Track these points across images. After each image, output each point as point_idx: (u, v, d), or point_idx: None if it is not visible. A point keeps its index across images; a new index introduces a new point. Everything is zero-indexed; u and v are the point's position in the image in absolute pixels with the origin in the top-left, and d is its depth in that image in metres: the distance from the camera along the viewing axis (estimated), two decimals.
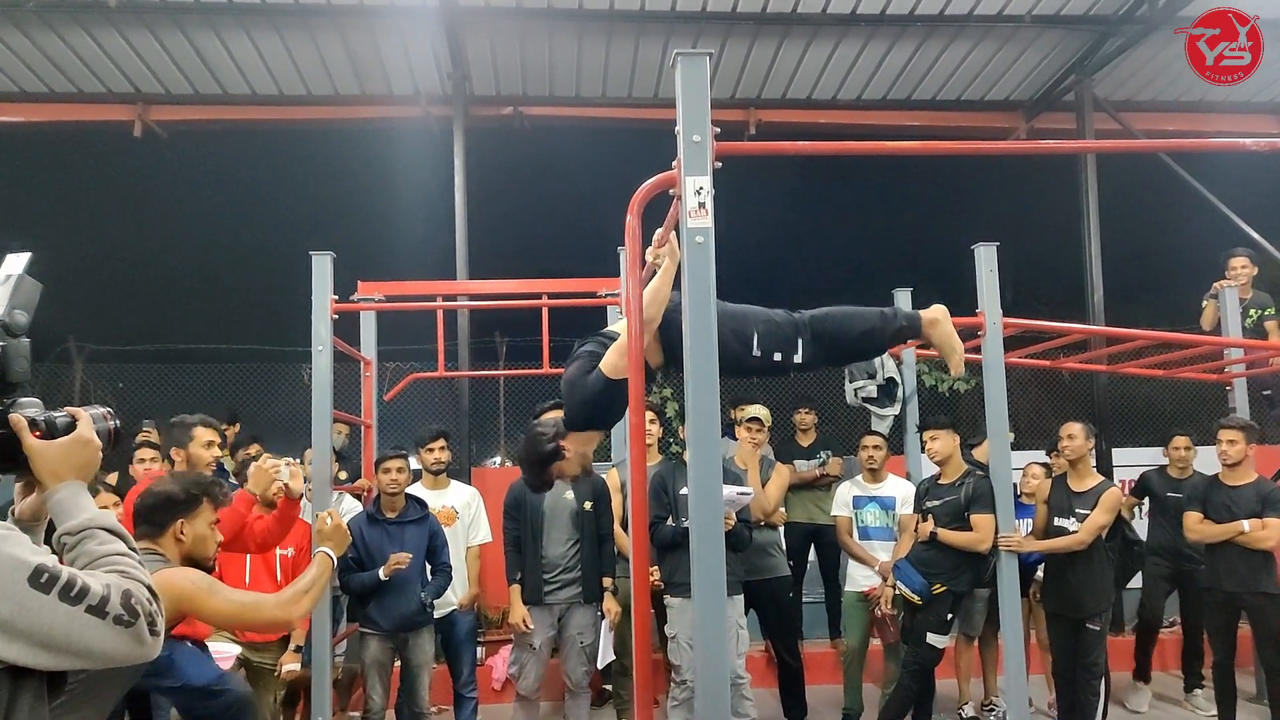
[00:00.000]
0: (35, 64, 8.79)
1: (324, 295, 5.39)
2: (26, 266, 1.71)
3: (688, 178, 2.77)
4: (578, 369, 3.38)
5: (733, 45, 8.88)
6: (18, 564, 1.39)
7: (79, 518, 1.60)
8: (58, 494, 1.63)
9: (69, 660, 1.42)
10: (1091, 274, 9.20)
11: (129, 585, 1.49)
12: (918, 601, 5.50)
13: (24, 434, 1.63)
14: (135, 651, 1.47)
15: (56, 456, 1.65)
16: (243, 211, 14.29)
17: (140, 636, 1.47)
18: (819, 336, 3.52)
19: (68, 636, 1.40)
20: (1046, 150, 9.61)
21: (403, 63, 8.98)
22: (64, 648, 1.40)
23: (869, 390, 6.82)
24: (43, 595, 1.38)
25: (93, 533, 1.59)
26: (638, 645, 3.33)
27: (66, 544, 1.59)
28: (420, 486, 6.06)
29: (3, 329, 1.64)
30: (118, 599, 1.45)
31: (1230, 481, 5.71)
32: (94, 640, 1.42)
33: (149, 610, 1.49)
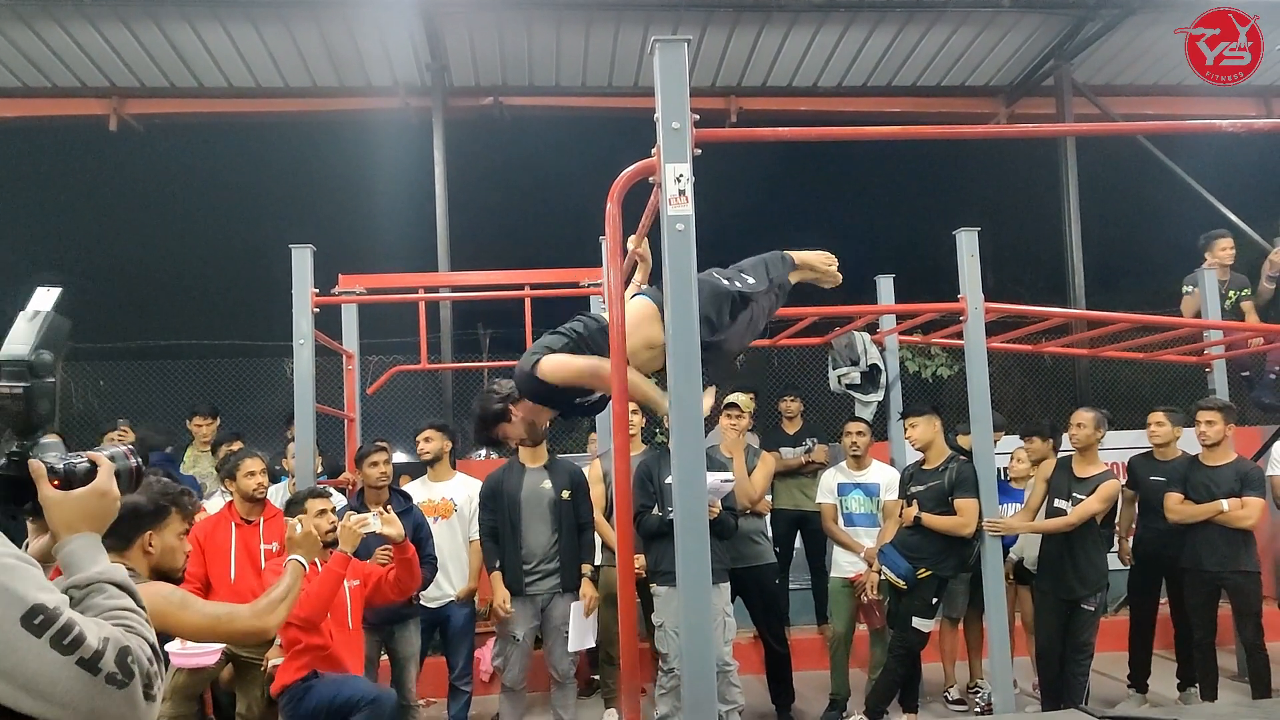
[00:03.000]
0: (7, 58, 8.69)
1: (304, 289, 5.35)
2: (56, 303, 1.66)
3: (667, 165, 2.76)
4: (538, 344, 3.32)
5: (712, 33, 8.87)
6: (14, 600, 1.32)
7: (89, 570, 1.54)
8: (69, 545, 1.57)
9: (54, 711, 1.34)
10: (1072, 258, 9.25)
11: (129, 642, 1.42)
12: (903, 586, 5.52)
13: (41, 483, 1.58)
14: (126, 715, 1.38)
15: (72, 509, 1.59)
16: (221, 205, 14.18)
17: (133, 700, 1.38)
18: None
19: (51, 685, 1.32)
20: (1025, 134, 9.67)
21: (381, 54, 8.92)
22: (46, 695, 1.33)
23: (852, 377, 6.83)
24: (32, 638, 1.32)
25: (101, 586, 1.52)
26: (623, 634, 3.33)
27: (73, 597, 1.51)
28: (425, 480, 6.04)
29: (28, 369, 1.60)
30: (112, 656, 1.37)
31: (1210, 462, 5.75)
32: (79, 695, 1.34)
33: (147, 671, 1.41)
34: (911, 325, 6.84)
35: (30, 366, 1.60)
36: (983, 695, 6.20)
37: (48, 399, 1.61)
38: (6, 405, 1.58)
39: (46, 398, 1.61)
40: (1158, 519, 6.06)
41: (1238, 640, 6.22)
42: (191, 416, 7.09)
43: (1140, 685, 6.22)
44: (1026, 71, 9.75)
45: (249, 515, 5.20)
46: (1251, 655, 5.72)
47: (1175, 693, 6.22)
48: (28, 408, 1.59)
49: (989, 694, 5.95)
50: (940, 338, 7.05)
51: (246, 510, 5.20)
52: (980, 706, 6.15)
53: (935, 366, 10.45)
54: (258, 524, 5.19)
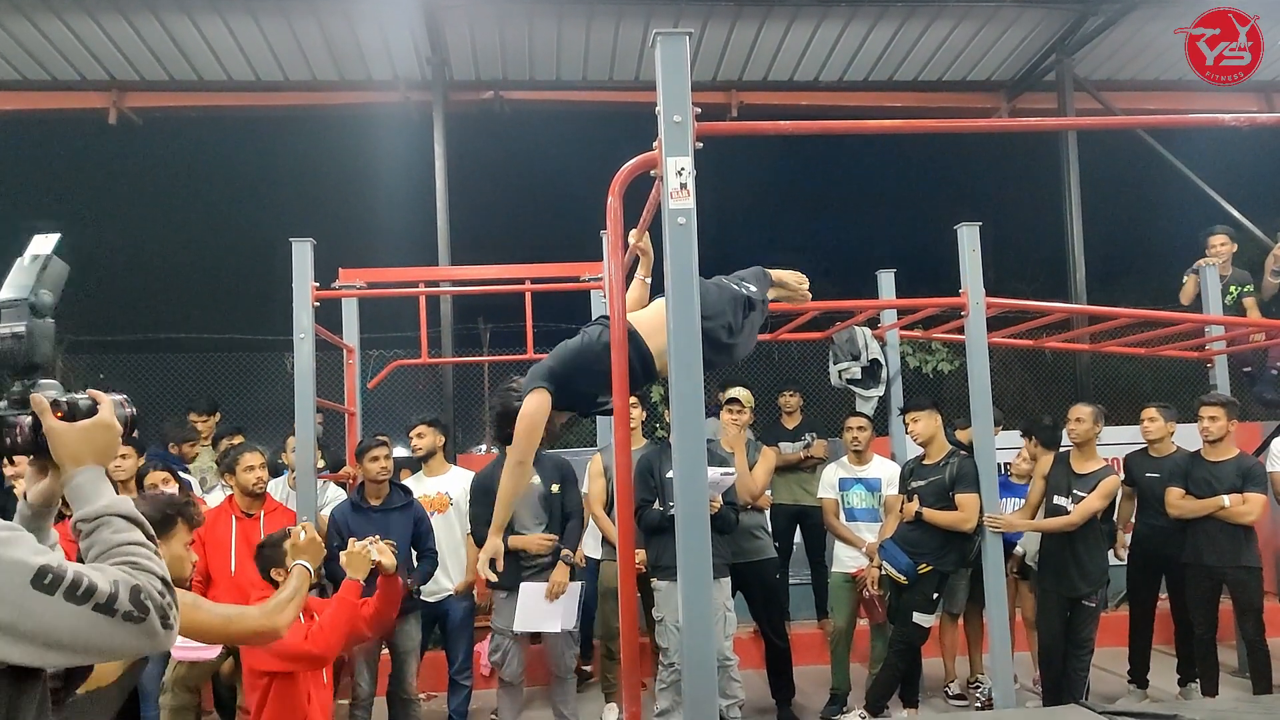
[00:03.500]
0: (8, 51, 8.67)
1: (305, 282, 5.34)
2: (55, 247, 1.68)
3: (669, 158, 2.75)
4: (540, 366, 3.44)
5: (714, 26, 8.85)
6: (19, 567, 1.36)
7: (96, 504, 1.56)
8: (76, 478, 1.58)
9: (79, 657, 1.41)
10: (1074, 253, 9.23)
11: (139, 580, 1.45)
12: (904, 581, 5.52)
13: (45, 415, 1.60)
14: (147, 645, 1.45)
15: (78, 439, 1.61)
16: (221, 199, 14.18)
17: (152, 630, 1.43)
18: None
19: (74, 634, 1.37)
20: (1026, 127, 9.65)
21: (381, 48, 8.90)
22: (71, 646, 1.37)
23: (853, 372, 6.83)
24: (47, 597, 1.35)
25: (109, 520, 1.54)
26: (624, 628, 3.32)
27: (82, 530, 1.55)
28: (420, 475, 6.04)
29: (30, 309, 1.61)
30: (126, 595, 1.41)
31: (1212, 457, 5.74)
32: (102, 637, 1.39)
33: (160, 604, 1.45)
34: (912, 320, 6.83)
35: (31, 307, 1.61)
36: (983, 690, 6.21)
37: (48, 340, 1.63)
38: (8, 345, 1.60)
39: (47, 339, 1.63)
40: (1156, 515, 6.06)
41: (1239, 636, 6.22)
42: (188, 414, 7.10)
43: (1140, 681, 6.21)
44: (1028, 66, 9.73)
45: (249, 509, 5.20)
46: (1252, 651, 5.72)
47: (1175, 688, 6.22)
48: (30, 347, 1.60)
49: (989, 689, 5.95)
50: (941, 333, 7.04)
51: (247, 504, 5.20)
52: (980, 702, 6.16)
53: (936, 361, 10.44)
54: (258, 517, 5.20)
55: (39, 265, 1.65)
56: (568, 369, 3.34)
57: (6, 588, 1.34)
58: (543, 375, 3.33)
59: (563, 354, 3.39)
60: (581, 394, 3.40)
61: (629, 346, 3.17)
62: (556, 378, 3.32)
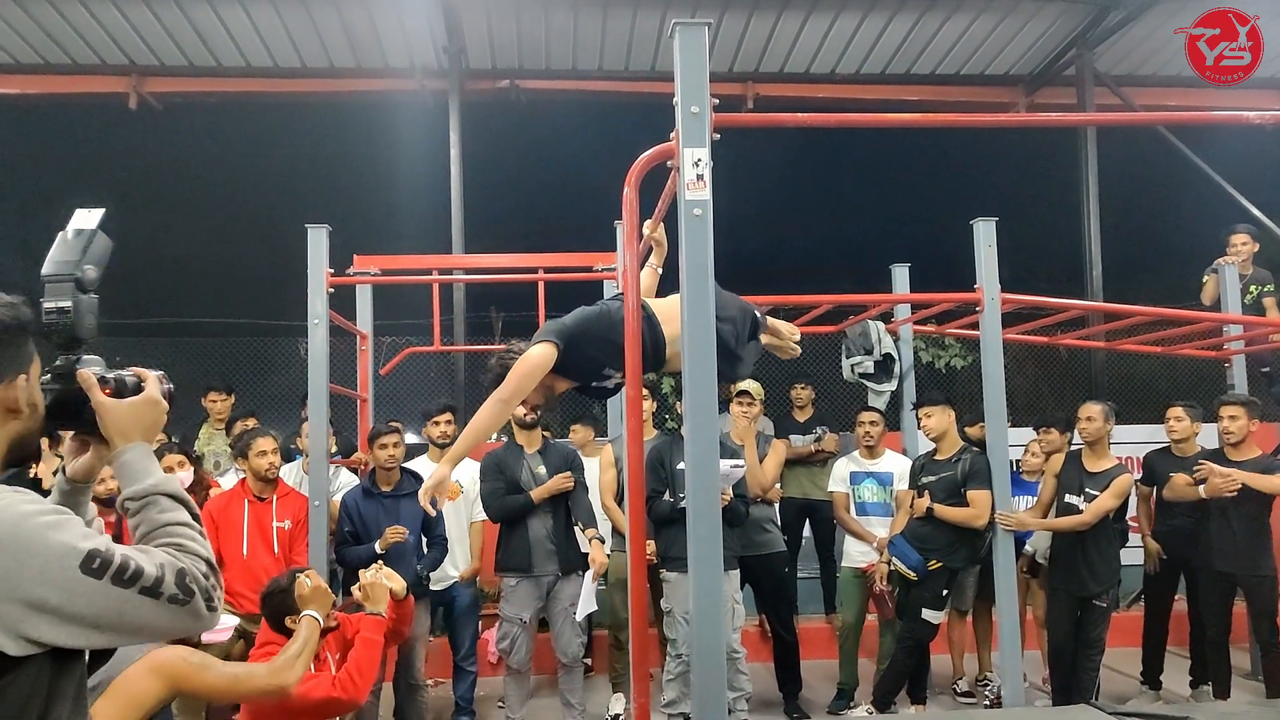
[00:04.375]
0: (30, 35, 8.72)
1: (320, 269, 5.36)
2: (100, 222, 1.68)
3: (686, 149, 2.74)
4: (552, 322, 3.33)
5: (730, 17, 8.82)
6: (68, 550, 1.36)
7: (145, 482, 1.57)
8: (125, 454, 1.59)
9: (123, 639, 1.43)
10: (1090, 250, 9.18)
11: (184, 563, 1.46)
12: (913, 577, 5.51)
13: (93, 390, 1.60)
14: (192, 626, 1.47)
15: (126, 416, 1.61)
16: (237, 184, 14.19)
17: (196, 612, 1.45)
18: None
19: (120, 617, 1.39)
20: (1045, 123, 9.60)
21: (398, 35, 8.91)
22: (116, 628, 1.40)
23: (866, 366, 6.81)
24: (95, 581, 1.37)
25: (156, 499, 1.55)
26: (634, 619, 3.33)
27: (130, 508, 1.56)
28: (426, 460, 6.06)
29: (75, 284, 1.61)
30: (172, 578, 1.43)
31: (1233, 457, 5.69)
32: (148, 618, 1.41)
33: (205, 586, 1.47)
34: (926, 315, 6.80)
35: (77, 282, 1.61)
36: (991, 688, 6.20)
37: (92, 315, 1.63)
38: (54, 320, 1.60)
39: (91, 314, 1.63)
40: (1176, 515, 6.02)
41: (1252, 639, 6.19)
42: (206, 392, 7.12)
43: (1153, 682, 6.19)
44: (1047, 61, 9.66)
45: (261, 493, 5.23)
46: (1266, 653, 5.69)
47: (1188, 690, 6.19)
48: (75, 322, 1.60)
49: (998, 687, 5.94)
50: (955, 328, 7.01)
51: (259, 488, 5.23)
52: (989, 700, 6.14)
53: (949, 357, 10.40)
54: (270, 501, 5.23)
55: (84, 240, 1.64)
56: (583, 329, 3.24)
57: (56, 572, 1.35)
58: (555, 331, 3.22)
59: (581, 315, 3.30)
60: (589, 360, 3.29)
61: (644, 326, 3.15)
62: (569, 336, 3.20)
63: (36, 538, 1.36)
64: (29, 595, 1.33)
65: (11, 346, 1.50)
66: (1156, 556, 6.19)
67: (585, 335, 3.24)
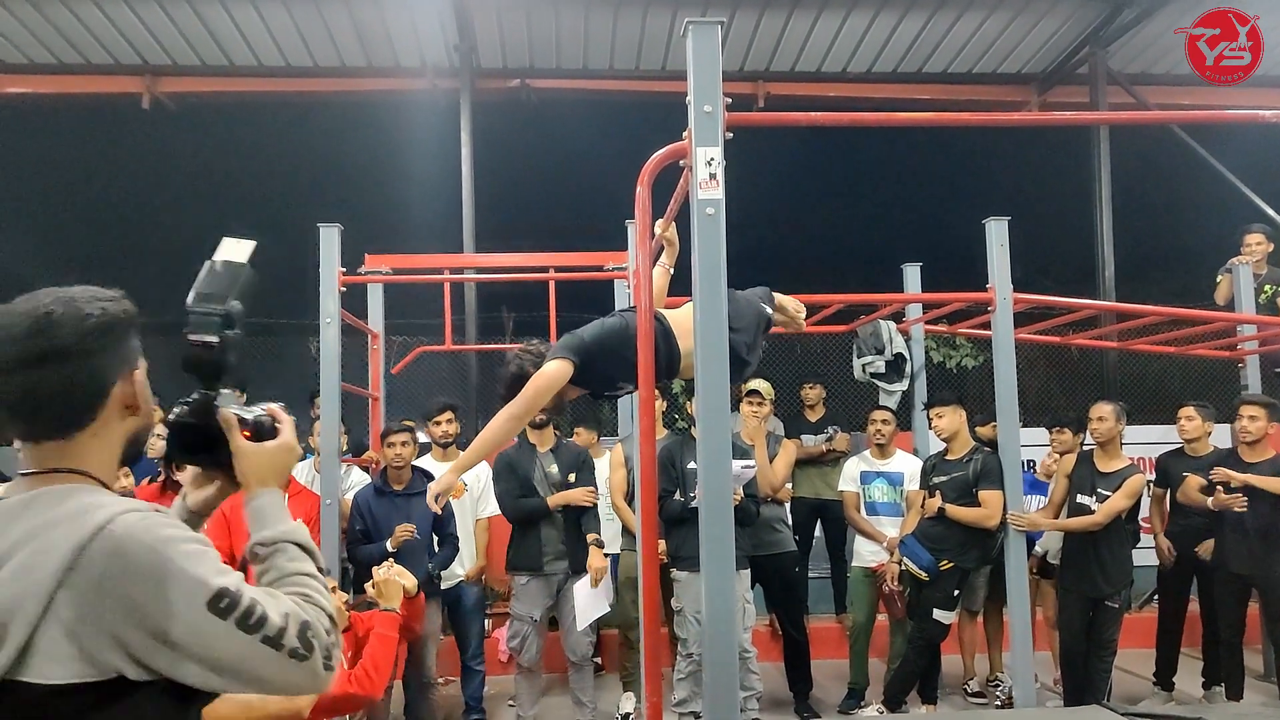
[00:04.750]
0: (43, 35, 8.76)
1: (331, 267, 5.38)
2: (250, 256, 1.63)
3: (699, 148, 2.74)
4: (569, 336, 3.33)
5: (741, 16, 8.80)
6: (199, 585, 1.33)
7: (276, 528, 1.54)
8: (259, 499, 1.56)
9: (239, 686, 1.37)
10: (1103, 249, 9.15)
11: (309, 616, 1.42)
12: (925, 578, 5.49)
13: (233, 433, 1.57)
14: (307, 684, 1.41)
15: (265, 462, 1.59)
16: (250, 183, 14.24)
17: (314, 671, 1.40)
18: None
19: (239, 663, 1.35)
20: (1058, 121, 9.58)
21: (409, 35, 8.93)
22: (234, 673, 1.35)
23: (877, 366, 6.80)
24: (220, 621, 1.32)
25: (285, 547, 1.52)
26: (646, 618, 3.33)
27: (259, 554, 1.52)
28: (430, 459, 6.07)
29: (224, 319, 1.58)
30: (295, 631, 1.38)
31: (1249, 458, 5.64)
32: (265, 670, 1.37)
33: (325, 643, 1.42)
34: (938, 315, 6.79)
35: (226, 317, 1.58)
36: (1002, 689, 6.18)
37: (235, 351, 1.59)
38: (198, 354, 1.57)
39: (235, 350, 1.59)
40: (1190, 515, 6.00)
41: (1265, 640, 6.16)
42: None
43: (1166, 683, 6.16)
44: (1060, 59, 9.62)
45: None
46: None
47: (1200, 691, 6.16)
48: (219, 359, 1.57)
49: (1009, 687, 5.92)
50: (967, 328, 6.99)
51: None
52: (1000, 700, 6.13)
53: (960, 357, 10.36)
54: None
55: (235, 274, 1.60)
56: (600, 345, 3.24)
57: (183, 605, 1.31)
58: (572, 348, 3.23)
59: (599, 331, 3.30)
60: (603, 376, 3.32)
61: (660, 340, 3.15)
62: (585, 352, 3.21)
63: (173, 566, 1.31)
64: (154, 625, 1.29)
65: (125, 342, 1.47)
66: (1169, 552, 6.16)
67: (602, 351, 3.25)
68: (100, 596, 1.27)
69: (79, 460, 1.40)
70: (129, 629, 1.28)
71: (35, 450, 1.40)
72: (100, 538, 1.30)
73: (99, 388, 1.41)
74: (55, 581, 1.26)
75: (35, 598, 1.26)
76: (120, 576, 1.28)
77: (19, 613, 1.25)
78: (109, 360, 1.42)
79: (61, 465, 1.39)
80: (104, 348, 1.41)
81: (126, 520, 1.33)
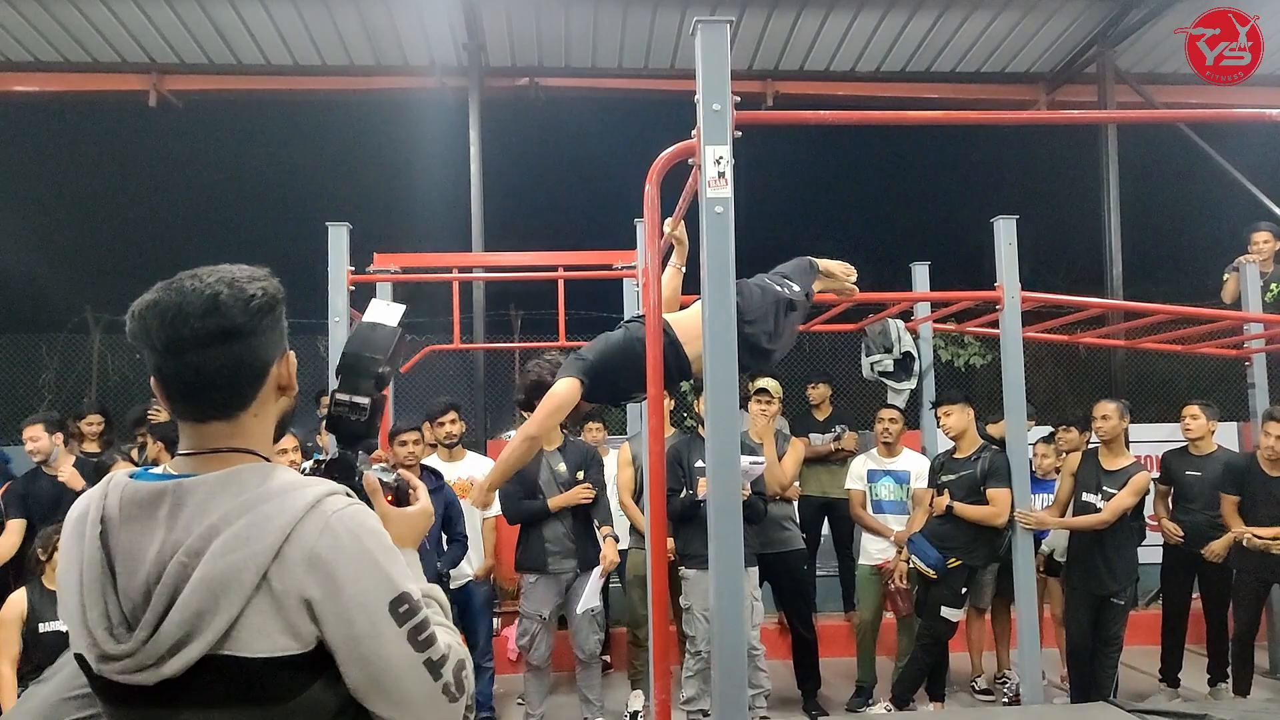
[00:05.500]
0: (50, 33, 8.79)
1: (340, 266, 5.40)
2: (400, 319, 1.64)
3: (707, 147, 2.75)
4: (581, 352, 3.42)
5: (750, 15, 8.80)
6: (387, 584, 1.32)
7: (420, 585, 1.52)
8: None
9: (388, 708, 1.33)
10: (1111, 248, 9.12)
11: (465, 655, 1.42)
12: (932, 575, 5.50)
13: (376, 497, 1.57)
14: None
15: (406, 526, 1.59)
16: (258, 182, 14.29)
17: (457, 716, 1.38)
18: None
19: (397, 681, 1.32)
20: (1066, 120, 9.56)
21: (418, 33, 8.94)
22: (389, 693, 1.32)
23: (885, 364, 6.81)
24: (394, 625, 1.31)
25: (429, 601, 1.49)
26: (655, 616, 3.34)
27: None
28: (435, 459, 6.09)
29: (376, 381, 1.58)
30: (453, 666, 1.37)
31: (1273, 471, 5.63)
32: (416, 695, 1.33)
33: (470, 693, 1.41)
34: (946, 313, 6.79)
35: (379, 379, 1.58)
36: (1010, 686, 6.18)
37: (379, 413, 1.59)
38: (343, 413, 1.56)
39: (379, 412, 1.59)
40: (1192, 513, 5.99)
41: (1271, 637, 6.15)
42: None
43: (1172, 680, 6.16)
44: (1068, 58, 9.60)
45: None
46: None
47: (1206, 688, 6.16)
48: (366, 420, 1.57)
49: (1016, 685, 5.92)
50: (975, 326, 6.99)
51: None
52: (1007, 697, 6.13)
53: (968, 356, 10.37)
54: None
55: (390, 338, 1.61)
56: (607, 365, 3.33)
57: (372, 597, 1.30)
58: (580, 369, 3.31)
59: (604, 349, 3.37)
60: (612, 388, 3.40)
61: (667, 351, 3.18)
62: (593, 373, 3.30)
63: (370, 558, 1.32)
64: (342, 611, 1.29)
65: (281, 322, 1.46)
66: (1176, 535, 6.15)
67: (609, 368, 3.33)
68: (310, 570, 1.27)
69: (246, 440, 1.40)
70: (326, 604, 1.28)
71: (201, 430, 1.39)
72: (313, 514, 1.30)
73: (262, 367, 1.41)
74: (271, 554, 1.26)
75: (252, 569, 1.25)
76: (329, 553, 1.28)
77: (234, 584, 1.25)
78: (270, 339, 1.42)
79: (234, 445, 1.38)
80: (267, 327, 1.41)
81: (334, 502, 1.33)
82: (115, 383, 10.25)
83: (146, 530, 1.29)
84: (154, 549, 1.28)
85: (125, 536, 1.30)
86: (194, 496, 1.30)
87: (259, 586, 1.26)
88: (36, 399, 9.97)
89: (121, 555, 1.29)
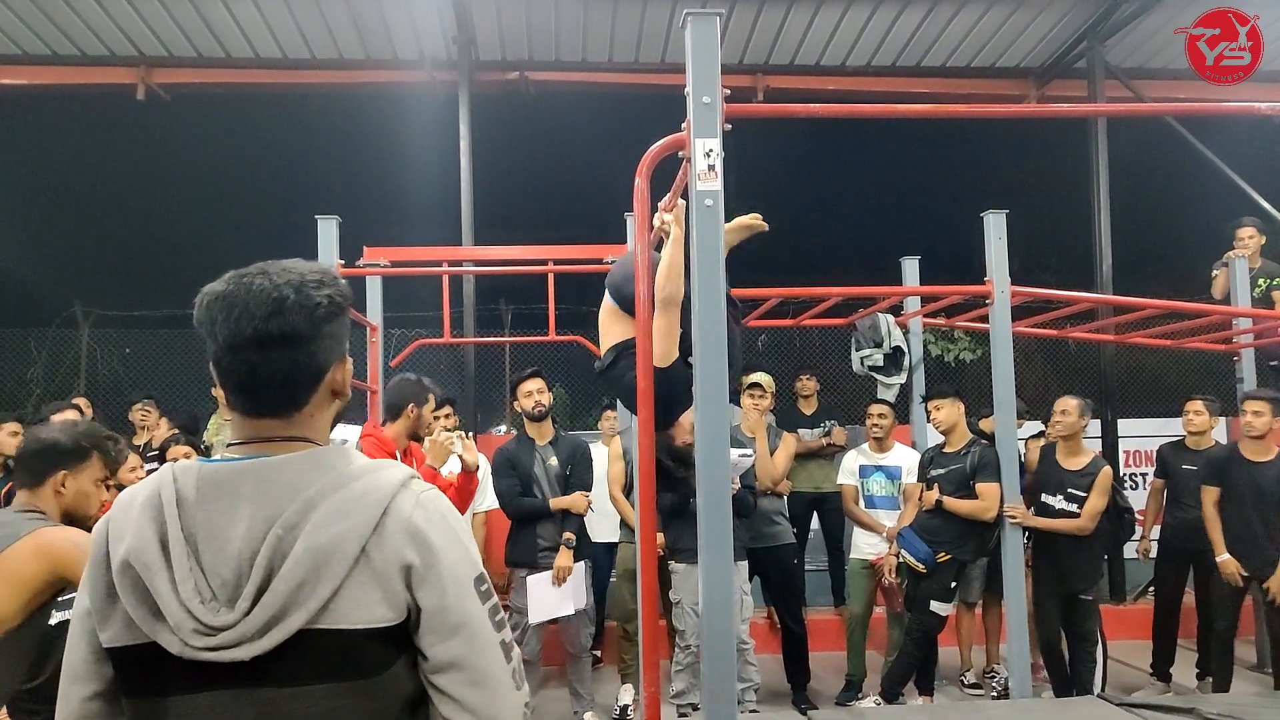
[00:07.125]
0: (37, 26, 8.72)
1: (329, 260, 5.39)
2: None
3: (697, 140, 2.75)
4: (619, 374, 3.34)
5: (741, 9, 8.78)
6: (470, 560, 1.37)
7: None
8: None
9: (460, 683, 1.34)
10: (1100, 243, 9.14)
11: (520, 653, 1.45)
12: (922, 570, 5.51)
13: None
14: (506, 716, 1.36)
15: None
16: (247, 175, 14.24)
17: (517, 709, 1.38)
18: None
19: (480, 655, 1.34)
20: (1055, 114, 9.56)
21: (407, 27, 8.90)
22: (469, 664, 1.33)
23: (875, 359, 6.81)
24: (479, 603, 1.35)
25: None
26: (644, 610, 3.34)
27: None
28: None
29: None
30: (518, 655, 1.41)
31: (1254, 456, 5.62)
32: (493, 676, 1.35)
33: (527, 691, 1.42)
34: (936, 308, 6.79)
35: None
36: (999, 680, 6.20)
37: None
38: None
39: None
40: (1187, 508, 6.01)
41: (1261, 631, 6.18)
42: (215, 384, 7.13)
43: (1163, 675, 6.18)
44: (1059, 53, 9.61)
45: None
46: (1276, 645, 5.66)
47: (1195, 682, 6.19)
48: None
49: (1005, 679, 5.94)
50: (965, 321, 7.00)
51: None
52: (996, 691, 6.15)
53: (958, 350, 10.39)
54: None
55: None
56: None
57: (461, 571, 1.34)
58: None
59: None
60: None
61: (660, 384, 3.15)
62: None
63: (457, 536, 1.37)
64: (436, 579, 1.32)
65: (343, 328, 1.47)
66: (1146, 555, 6.19)
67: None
68: (409, 539, 1.31)
69: (303, 433, 1.41)
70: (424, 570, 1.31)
71: (256, 423, 1.40)
72: (406, 491, 1.35)
73: (318, 372, 1.42)
74: (371, 526, 1.29)
75: (354, 540, 1.28)
76: (425, 525, 1.33)
77: (337, 555, 1.27)
78: (330, 345, 1.43)
79: (291, 435, 1.39)
80: (328, 334, 1.42)
81: (420, 484, 1.38)
82: (104, 377, 10.21)
83: (230, 509, 1.31)
84: (242, 525, 1.29)
85: (204, 516, 1.31)
86: (281, 474, 1.32)
87: (359, 558, 1.28)
88: (25, 394, 9.93)
89: (204, 534, 1.30)
